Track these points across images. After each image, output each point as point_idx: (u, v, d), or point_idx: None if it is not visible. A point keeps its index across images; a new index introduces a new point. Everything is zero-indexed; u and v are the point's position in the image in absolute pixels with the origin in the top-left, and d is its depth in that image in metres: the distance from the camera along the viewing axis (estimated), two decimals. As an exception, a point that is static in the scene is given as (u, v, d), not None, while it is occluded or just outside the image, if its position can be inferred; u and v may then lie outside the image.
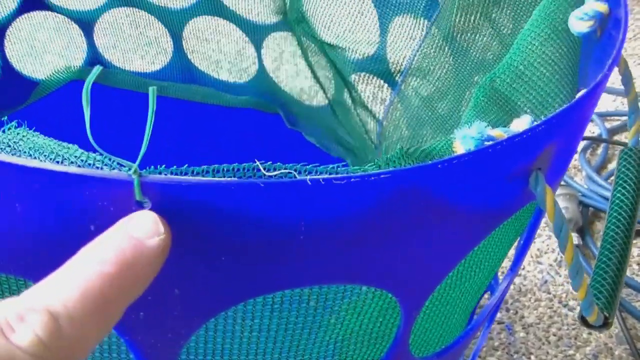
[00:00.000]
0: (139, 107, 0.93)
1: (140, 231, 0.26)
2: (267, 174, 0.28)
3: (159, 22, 0.90)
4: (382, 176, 0.27)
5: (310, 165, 0.28)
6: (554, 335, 0.85)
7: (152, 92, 0.26)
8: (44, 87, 0.90)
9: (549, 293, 0.90)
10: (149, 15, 0.90)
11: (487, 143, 0.31)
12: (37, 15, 0.86)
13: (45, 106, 0.90)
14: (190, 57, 0.92)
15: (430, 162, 0.28)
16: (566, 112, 0.32)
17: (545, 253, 0.96)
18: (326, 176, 0.26)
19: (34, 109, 0.89)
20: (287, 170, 0.28)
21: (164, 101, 0.92)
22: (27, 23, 0.86)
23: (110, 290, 0.25)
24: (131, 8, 0.90)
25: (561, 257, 0.94)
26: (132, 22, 0.96)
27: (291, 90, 0.89)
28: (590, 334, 0.85)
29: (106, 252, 0.26)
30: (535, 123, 0.32)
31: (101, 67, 0.27)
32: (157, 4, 0.88)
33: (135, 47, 1.00)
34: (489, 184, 0.31)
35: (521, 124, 0.34)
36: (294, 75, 0.88)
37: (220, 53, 0.94)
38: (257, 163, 0.28)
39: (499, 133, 0.32)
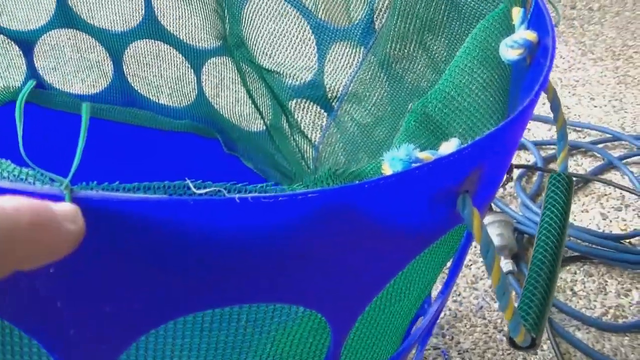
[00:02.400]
0: (79, 130, 0.92)
1: (61, 210, 0.26)
2: (197, 191, 0.28)
3: (100, 45, 0.90)
4: (309, 195, 0.27)
5: (240, 185, 0.29)
6: (489, 360, 0.86)
7: (85, 108, 0.26)
8: (-18, 107, 0.89)
9: (485, 319, 0.91)
10: (90, 37, 0.90)
11: (414, 165, 0.32)
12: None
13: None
14: (130, 81, 0.92)
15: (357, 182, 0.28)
16: (493, 136, 0.33)
17: (481, 279, 0.97)
18: (255, 195, 0.27)
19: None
20: (216, 189, 0.28)
21: (102, 124, 0.92)
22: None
23: (12, 235, 0.24)
24: (73, 30, 0.90)
25: (496, 282, 0.95)
26: (73, 45, 0.96)
27: (230, 116, 0.89)
28: (524, 359, 0.86)
29: (25, 206, 0.25)
30: (463, 146, 0.33)
31: (34, 82, 0.27)
32: (98, 26, 0.88)
33: (76, 70, 1.00)
34: (417, 206, 0.32)
35: (449, 147, 0.35)
36: (234, 102, 0.88)
37: (160, 78, 0.94)
38: (188, 181, 0.28)
39: (427, 155, 0.33)
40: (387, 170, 0.32)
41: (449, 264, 0.48)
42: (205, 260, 0.29)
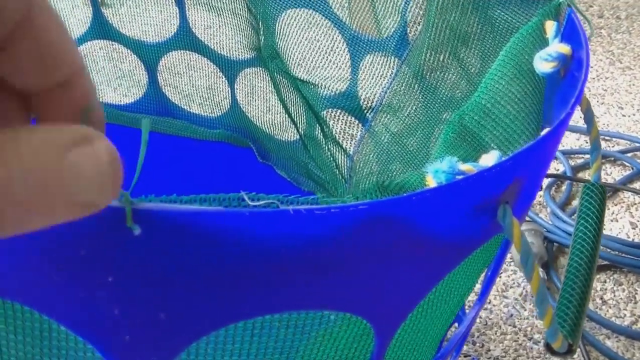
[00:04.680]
0: (113, 139, 0.93)
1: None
2: (251, 203, 0.29)
3: (134, 55, 0.91)
4: (360, 207, 0.28)
5: (293, 197, 0.30)
6: (519, 367, 0.87)
7: (145, 124, 0.27)
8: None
9: (515, 327, 0.92)
10: (124, 48, 0.92)
11: (457, 177, 0.33)
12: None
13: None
14: (165, 91, 0.93)
15: (404, 194, 0.30)
16: (532, 149, 0.34)
17: (511, 287, 0.97)
18: (308, 207, 0.28)
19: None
20: (270, 201, 0.29)
21: (137, 133, 0.93)
22: None
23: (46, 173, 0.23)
24: (106, 41, 0.91)
25: (526, 291, 0.96)
26: (105, 54, 0.97)
27: (263, 125, 0.90)
28: (554, 366, 0.87)
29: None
30: (503, 158, 0.34)
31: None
32: (132, 37, 0.90)
33: (109, 79, 1.01)
34: (459, 216, 0.33)
35: (489, 159, 0.36)
36: (266, 111, 0.90)
37: (195, 88, 0.95)
38: (242, 193, 0.29)
39: (469, 167, 0.34)
40: (431, 182, 0.33)
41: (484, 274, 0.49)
42: (257, 269, 0.30)
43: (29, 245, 0.29)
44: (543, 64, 0.45)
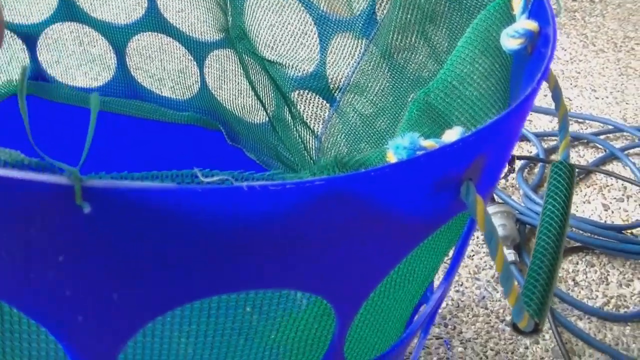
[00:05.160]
0: (82, 122, 0.93)
1: None
2: (204, 180, 0.28)
3: (103, 38, 0.91)
4: (316, 182, 0.28)
5: (247, 173, 0.29)
6: (492, 350, 0.86)
7: (94, 98, 0.27)
8: (-15, 101, 0.90)
9: (487, 309, 0.92)
10: (93, 30, 0.90)
11: (419, 153, 0.32)
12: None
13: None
14: (133, 74, 0.92)
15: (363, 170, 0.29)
16: (496, 124, 0.34)
17: (483, 270, 0.97)
18: (262, 183, 0.27)
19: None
20: (224, 177, 0.28)
21: (105, 116, 0.93)
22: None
23: None
24: (75, 23, 0.90)
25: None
26: (75, 38, 0.96)
27: (233, 108, 0.90)
28: (526, 348, 0.87)
29: None
30: (467, 134, 0.33)
31: (28, 66, 0.27)
32: (100, 19, 0.89)
33: (79, 63, 1.00)
34: (421, 193, 0.32)
35: (452, 134, 0.35)
36: (236, 93, 0.89)
37: (163, 71, 0.94)
38: (196, 170, 0.28)
39: (431, 143, 0.33)
40: (392, 158, 0.33)
41: (450, 253, 0.49)
42: (212, 247, 0.29)
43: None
44: (510, 40, 0.45)
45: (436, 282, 0.57)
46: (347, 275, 0.34)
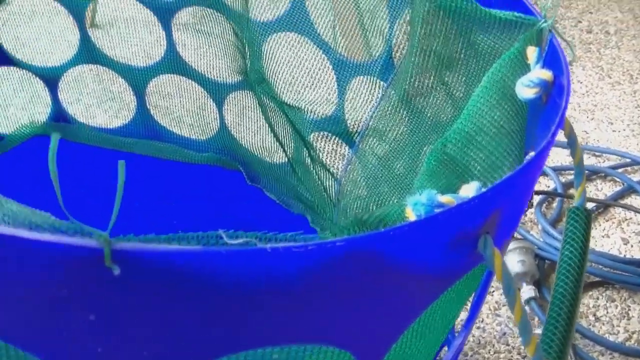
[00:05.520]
0: (102, 163, 0.94)
1: None
2: (229, 242, 0.29)
3: (122, 79, 0.92)
4: (337, 244, 0.29)
5: (271, 234, 0.30)
6: (512, 386, 0.87)
7: (121, 165, 0.27)
8: (8, 141, 0.91)
9: (508, 345, 0.92)
10: (113, 72, 0.92)
11: (437, 209, 0.33)
12: (0, 69, 0.87)
13: (11, 160, 0.91)
14: (153, 114, 0.93)
15: (382, 229, 0.30)
16: (512, 179, 0.34)
17: (504, 306, 0.97)
18: (285, 244, 0.28)
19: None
20: (248, 239, 0.29)
21: (126, 157, 0.93)
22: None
23: None
24: (96, 65, 0.91)
25: (518, 309, 0.96)
26: (95, 76, 0.97)
27: (252, 149, 0.90)
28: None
29: None
30: (483, 189, 0.34)
31: (59, 135, 0.28)
32: (120, 61, 0.90)
33: (99, 101, 1.02)
34: (440, 248, 0.33)
35: (469, 189, 0.36)
36: (254, 134, 0.90)
37: (183, 112, 0.95)
38: (220, 232, 0.29)
39: (448, 199, 0.34)
40: (411, 214, 0.33)
41: (471, 299, 0.49)
42: (238, 306, 0.30)
43: (11, 285, 0.29)
44: (525, 90, 0.45)
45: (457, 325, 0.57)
46: (370, 329, 0.34)
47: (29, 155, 0.91)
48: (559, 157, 1.26)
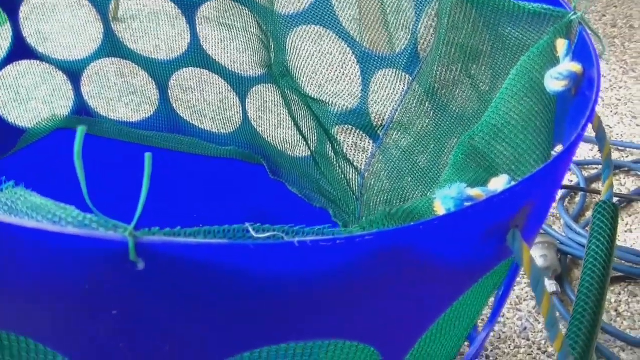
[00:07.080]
0: (123, 156, 0.94)
1: None
2: (256, 235, 0.29)
3: (145, 72, 0.92)
4: (366, 237, 0.28)
5: (298, 227, 0.29)
6: (534, 382, 0.86)
7: (147, 158, 0.27)
8: (30, 135, 0.91)
9: (528, 340, 0.91)
10: (135, 65, 0.92)
11: (466, 203, 0.33)
12: (22, 63, 0.87)
13: (32, 153, 0.91)
14: (176, 108, 0.93)
15: (411, 223, 0.29)
16: (542, 173, 0.34)
17: (525, 300, 0.97)
18: (313, 238, 0.28)
19: (20, 157, 0.90)
20: (275, 232, 0.29)
21: (146, 150, 0.93)
22: (13, 70, 0.87)
23: None
24: (118, 58, 0.91)
25: (541, 304, 0.96)
26: (117, 70, 0.97)
27: (275, 142, 0.90)
28: (569, 380, 0.86)
29: None
30: (513, 183, 0.33)
31: (85, 129, 0.28)
32: (143, 54, 0.90)
33: (120, 95, 1.02)
34: (468, 242, 0.33)
35: (499, 183, 0.35)
36: (277, 127, 0.89)
37: (206, 105, 0.95)
38: (247, 225, 0.29)
39: (478, 193, 0.33)
40: (439, 208, 0.33)
41: (494, 294, 0.49)
42: (264, 300, 0.29)
43: (34, 280, 0.29)
44: (554, 82, 0.45)
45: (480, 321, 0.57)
46: (395, 324, 0.34)
47: (50, 148, 0.91)
48: (581, 150, 1.25)
